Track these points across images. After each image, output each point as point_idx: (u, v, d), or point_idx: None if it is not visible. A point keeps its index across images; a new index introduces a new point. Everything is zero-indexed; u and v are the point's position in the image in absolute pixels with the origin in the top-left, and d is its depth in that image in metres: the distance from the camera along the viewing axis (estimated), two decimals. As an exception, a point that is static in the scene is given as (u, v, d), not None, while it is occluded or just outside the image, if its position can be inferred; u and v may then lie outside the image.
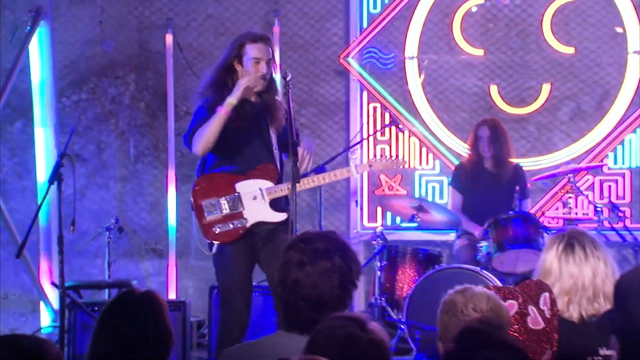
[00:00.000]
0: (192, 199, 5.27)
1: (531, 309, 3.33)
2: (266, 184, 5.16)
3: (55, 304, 7.24)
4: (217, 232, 5.15)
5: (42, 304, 7.62)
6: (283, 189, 5.20)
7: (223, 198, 5.16)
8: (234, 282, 5.17)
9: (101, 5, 8.08)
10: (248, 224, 5.16)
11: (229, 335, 5.06)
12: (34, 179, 7.82)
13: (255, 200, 5.12)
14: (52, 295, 7.41)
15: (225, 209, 5.16)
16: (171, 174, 7.77)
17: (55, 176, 6.01)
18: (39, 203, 6.67)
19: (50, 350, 2.84)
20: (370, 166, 5.80)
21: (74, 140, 7.52)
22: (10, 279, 8.02)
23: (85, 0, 8.08)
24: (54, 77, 7.79)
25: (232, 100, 5.03)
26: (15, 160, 8.15)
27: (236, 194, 5.16)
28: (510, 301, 3.22)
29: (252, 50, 5.12)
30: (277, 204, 5.23)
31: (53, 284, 7.17)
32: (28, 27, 7.61)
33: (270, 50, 5.21)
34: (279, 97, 5.35)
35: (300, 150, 5.15)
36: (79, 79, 8.12)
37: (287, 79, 5.04)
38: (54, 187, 6.06)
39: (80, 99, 8.13)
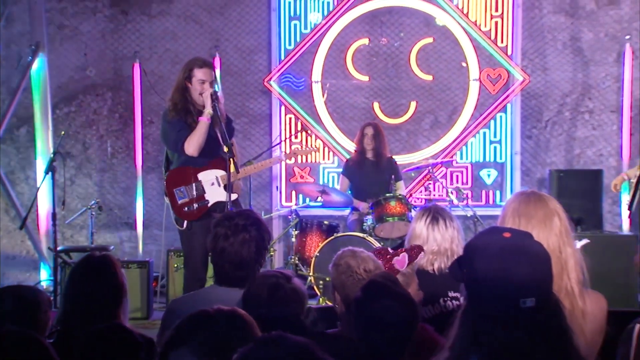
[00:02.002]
0: (165, 188, 5.05)
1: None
2: (220, 172, 4.93)
3: (51, 264, 7.04)
4: (186, 211, 4.95)
5: (41, 263, 7.49)
6: (233, 176, 5.07)
7: (189, 185, 4.96)
8: (195, 249, 4.91)
9: (85, 42, 7.92)
10: (209, 204, 4.96)
11: (190, 288, 4.79)
12: (34, 170, 7.71)
13: (213, 186, 4.93)
14: (49, 256, 7.21)
15: (192, 193, 4.96)
16: (139, 167, 7.61)
17: (50, 168, 6.04)
18: (38, 188, 6.54)
19: (43, 297, 2.89)
20: (294, 153, 5.74)
21: (65, 141, 7.46)
22: (17, 244, 7.92)
23: (74, 37, 7.92)
24: (50, 94, 7.67)
25: (209, 110, 4.87)
26: (20, 156, 7.98)
27: (199, 182, 4.98)
28: (403, 253, 3.20)
29: (199, 73, 4.93)
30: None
31: (49, 248, 6.98)
32: (29, 57, 7.55)
33: (213, 73, 5.02)
34: (222, 107, 5.08)
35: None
36: (69, 96, 7.95)
37: (214, 96, 4.88)
38: (49, 176, 6.06)
39: (70, 110, 7.96)
